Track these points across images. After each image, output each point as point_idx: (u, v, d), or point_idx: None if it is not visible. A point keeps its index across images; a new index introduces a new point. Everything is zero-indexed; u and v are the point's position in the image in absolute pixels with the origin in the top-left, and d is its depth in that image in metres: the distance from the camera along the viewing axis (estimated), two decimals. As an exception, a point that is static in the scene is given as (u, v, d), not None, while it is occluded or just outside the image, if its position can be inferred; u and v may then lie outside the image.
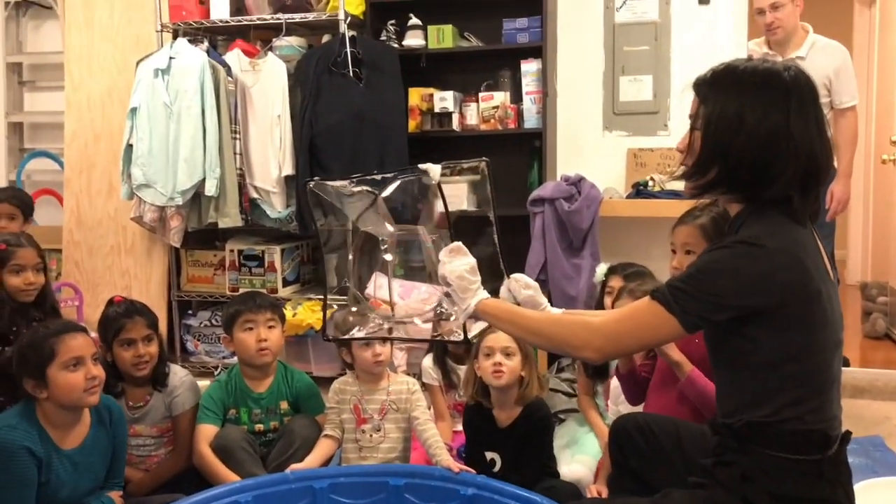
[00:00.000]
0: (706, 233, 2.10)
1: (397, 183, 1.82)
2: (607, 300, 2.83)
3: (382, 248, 1.90)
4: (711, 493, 1.57)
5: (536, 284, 1.86)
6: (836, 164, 3.48)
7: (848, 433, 1.59)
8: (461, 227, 1.80)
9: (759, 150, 1.51)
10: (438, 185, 1.74)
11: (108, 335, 2.51)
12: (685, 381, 2.14)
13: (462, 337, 1.80)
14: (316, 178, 1.92)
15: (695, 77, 1.62)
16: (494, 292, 1.76)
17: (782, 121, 1.50)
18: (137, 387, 2.54)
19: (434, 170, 1.74)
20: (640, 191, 3.75)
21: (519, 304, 1.83)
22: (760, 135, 1.50)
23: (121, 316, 2.51)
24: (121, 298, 2.61)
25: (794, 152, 1.50)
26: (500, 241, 1.84)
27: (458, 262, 1.69)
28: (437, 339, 2.00)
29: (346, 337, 2.14)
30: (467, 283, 1.67)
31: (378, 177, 1.83)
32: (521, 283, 1.84)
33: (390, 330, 2.07)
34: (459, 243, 1.72)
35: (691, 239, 2.14)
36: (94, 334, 2.40)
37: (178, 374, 2.62)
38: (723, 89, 1.55)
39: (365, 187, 1.84)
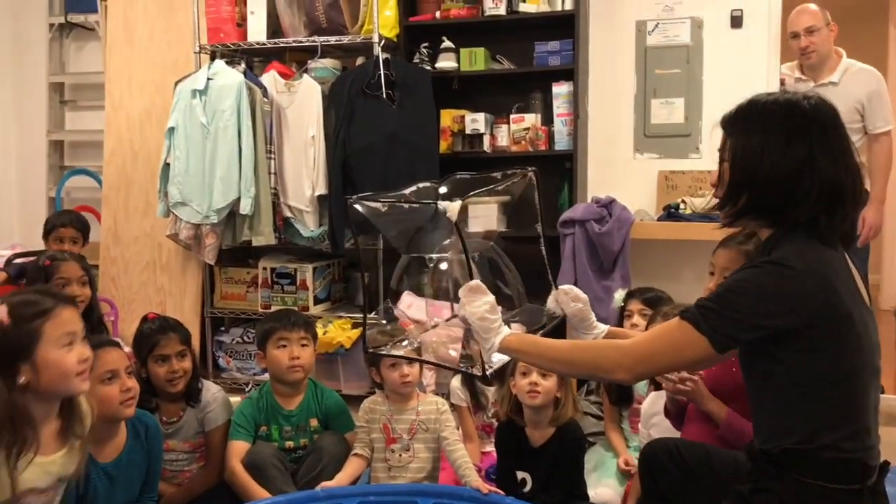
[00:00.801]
0: (751, 259, 2.00)
1: (449, 184, 1.79)
2: (626, 324, 2.82)
3: (437, 257, 1.85)
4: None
5: (586, 297, 1.84)
6: (869, 188, 3.46)
7: (887, 463, 1.57)
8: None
9: (783, 175, 1.54)
10: (456, 224, 1.70)
11: (142, 351, 2.55)
12: (723, 426, 2.09)
13: (481, 372, 1.78)
14: (356, 195, 1.91)
15: (725, 109, 1.67)
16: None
17: (804, 147, 1.53)
18: (171, 402, 2.57)
19: (452, 208, 1.70)
20: (671, 213, 3.74)
21: (565, 317, 1.82)
22: (784, 161, 1.54)
23: (155, 332, 2.55)
24: (154, 315, 2.66)
25: (817, 176, 1.53)
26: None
27: (477, 302, 1.68)
28: (461, 369, 1.98)
29: (384, 352, 2.14)
30: (489, 324, 1.67)
31: (406, 205, 1.82)
32: (571, 296, 1.84)
33: (419, 351, 2.07)
34: (478, 282, 1.70)
35: (733, 264, 2.07)
36: (127, 349, 2.44)
37: (210, 389, 2.65)
38: (746, 122, 1.61)
39: (417, 189, 1.80)
